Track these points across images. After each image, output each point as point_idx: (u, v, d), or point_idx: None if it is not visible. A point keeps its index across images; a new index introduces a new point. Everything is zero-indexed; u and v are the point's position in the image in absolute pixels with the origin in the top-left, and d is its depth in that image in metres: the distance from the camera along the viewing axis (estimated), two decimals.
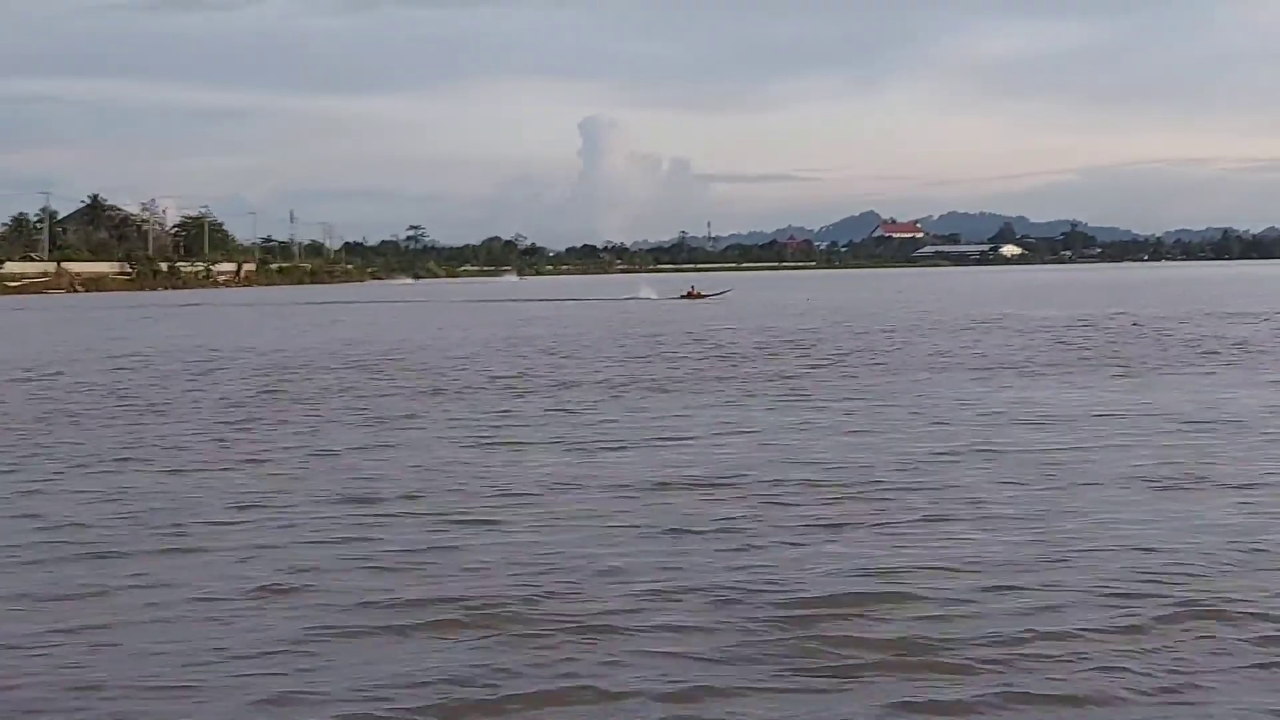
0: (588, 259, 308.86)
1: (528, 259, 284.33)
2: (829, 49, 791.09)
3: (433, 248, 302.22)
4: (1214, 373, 30.25)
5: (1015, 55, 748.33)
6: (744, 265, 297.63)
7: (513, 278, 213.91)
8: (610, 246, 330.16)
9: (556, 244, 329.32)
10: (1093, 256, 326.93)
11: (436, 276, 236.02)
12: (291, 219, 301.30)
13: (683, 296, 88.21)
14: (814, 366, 33.95)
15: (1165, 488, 15.54)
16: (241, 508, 15.09)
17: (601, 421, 22.80)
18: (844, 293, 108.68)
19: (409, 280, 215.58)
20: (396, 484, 16.50)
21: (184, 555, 12.81)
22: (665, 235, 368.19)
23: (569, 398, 26.84)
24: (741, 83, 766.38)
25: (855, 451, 18.76)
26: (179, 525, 14.13)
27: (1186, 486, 15.58)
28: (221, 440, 21.18)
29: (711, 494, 15.56)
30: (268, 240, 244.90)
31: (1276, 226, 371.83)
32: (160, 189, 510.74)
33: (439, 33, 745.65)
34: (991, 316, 59.36)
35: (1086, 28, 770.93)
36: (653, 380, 30.46)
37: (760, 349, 40.60)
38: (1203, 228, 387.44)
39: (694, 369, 33.54)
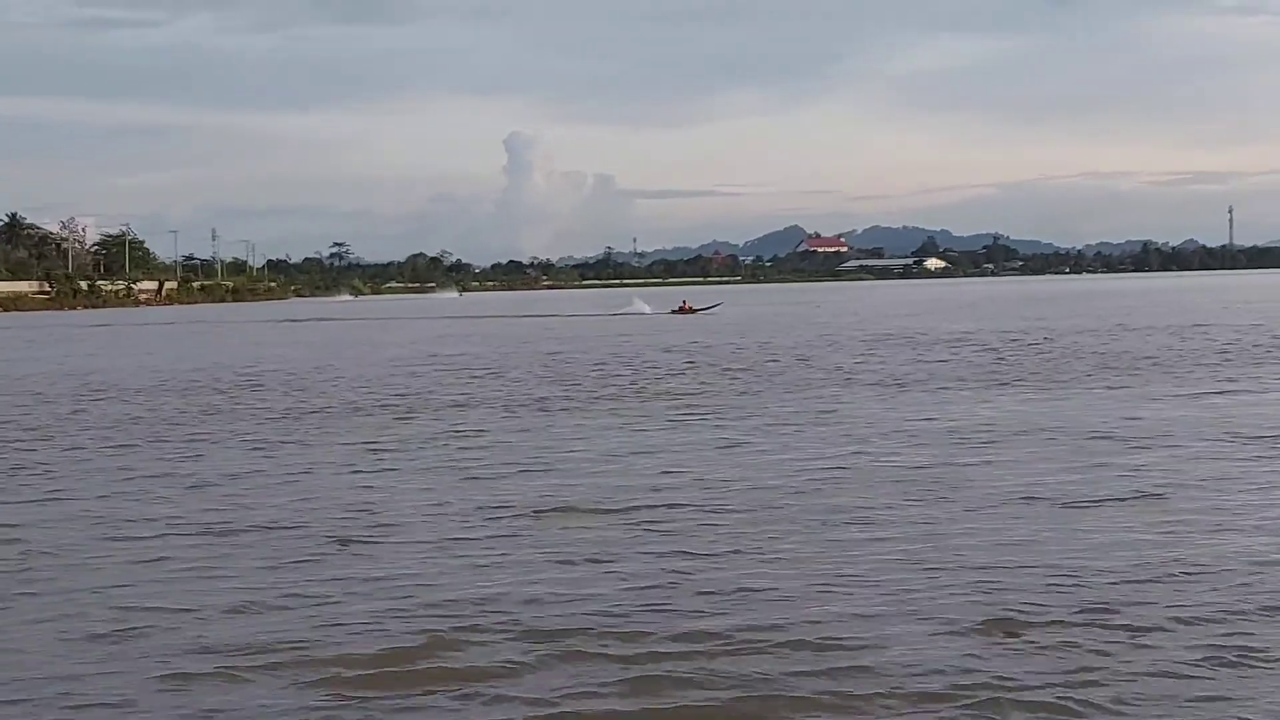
0: (513, 275, 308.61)
1: (453, 275, 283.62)
2: (753, 65, 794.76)
3: (357, 265, 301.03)
4: (1120, 387, 30.23)
5: (937, 70, 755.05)
6: (669, 280, 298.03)
7: (453, 294, 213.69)
8: (536, 262, 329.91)
9: (482, 260, 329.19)
10: (1014, 269, 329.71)
11: (362, 294, 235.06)
12: (214, 237, 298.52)
13: (674, 311, 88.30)
14: (709, 381, 33.71)
15: (1036, 500, 15.37)
16: (104, 539, 14.57)
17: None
18: (765, 307, 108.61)
19: (348, 297, 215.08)
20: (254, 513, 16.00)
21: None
22: (591, 251, 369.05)
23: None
24: (666, 99, 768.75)
25: (740, 470, 18.43)
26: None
27: (1056, 501, 15.41)
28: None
29: (589, 520, 15.19)
30: (190, 258, 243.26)
31: (1195, 239, 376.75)
32: (80, 207, 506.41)
33: (362, 50, 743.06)
34: (908, 331, 59.40)
35: (1007, 42, 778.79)
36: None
37: (688, 365, 40.31)
38: (1123, 241, 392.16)
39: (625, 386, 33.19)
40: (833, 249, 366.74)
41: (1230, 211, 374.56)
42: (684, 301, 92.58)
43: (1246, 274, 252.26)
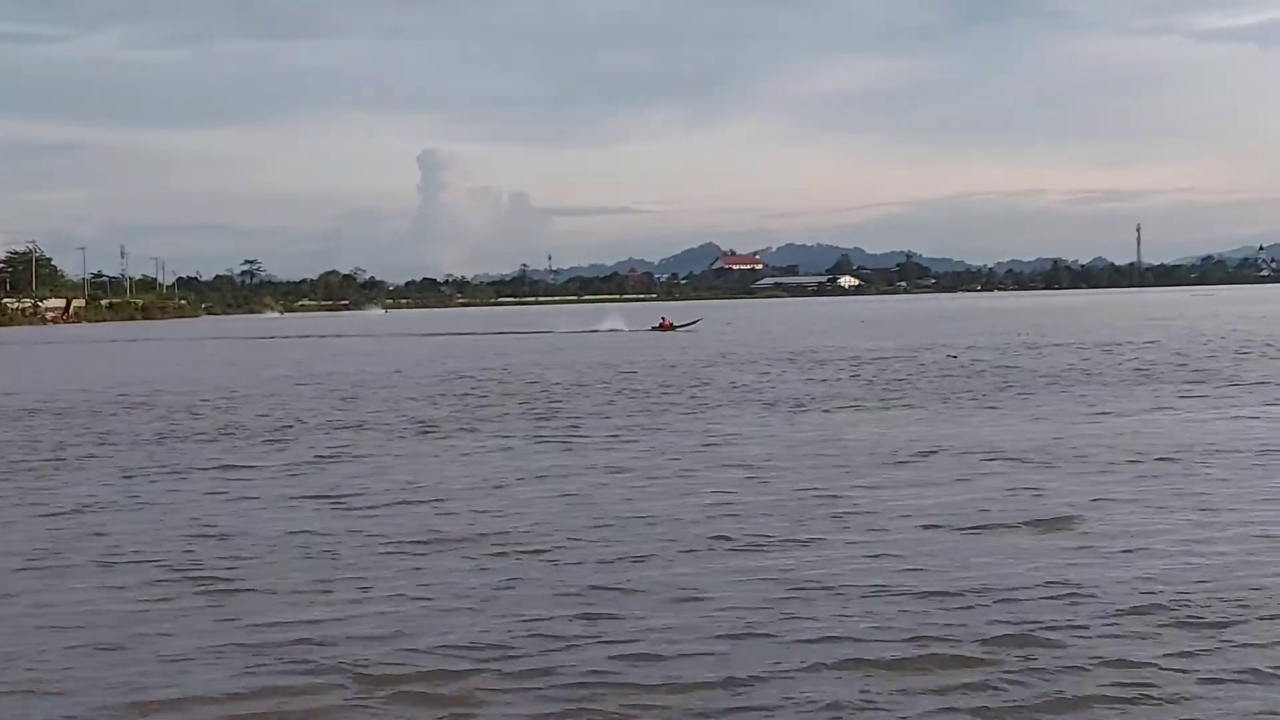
0: (427, 292, 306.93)
1: (366, 293, 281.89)
2: (669, 83, 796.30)
3: (269, 282, 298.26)
4: (1004, 408, 30.14)
5: (852, 90, 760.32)
6: (584, 298, 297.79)
7: (378, 311, 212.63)
8: (450, 280, 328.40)
9: (396, 278, 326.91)
10: (927, 287, 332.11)
11: (276, 311, 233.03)
12: (122, 254, 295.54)
13: (654, 328, 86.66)
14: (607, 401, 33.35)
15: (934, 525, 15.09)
16: None
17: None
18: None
19: (275, 314, 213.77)
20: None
21: None
22: (506, 268, 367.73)
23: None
24: (582, 116, 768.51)
25: (626, 496, 18.05)
26: None
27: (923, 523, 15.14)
28: None
29: (457, 549, 14.74)
30: (98, 276, 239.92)
31: (1104, 257, 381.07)
32: None
33: (275, 65, 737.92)
34: (814, 348, 59.32)
35: (921, 62, 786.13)
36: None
37: (580, 385, 39.90)
38: (1033, 258, 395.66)
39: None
40: (748, 266, 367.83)
41: (1138, 230, 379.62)
42: (664, 318, 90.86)
43: (1153, 291, 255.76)
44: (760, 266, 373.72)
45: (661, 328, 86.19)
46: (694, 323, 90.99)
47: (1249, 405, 28.99)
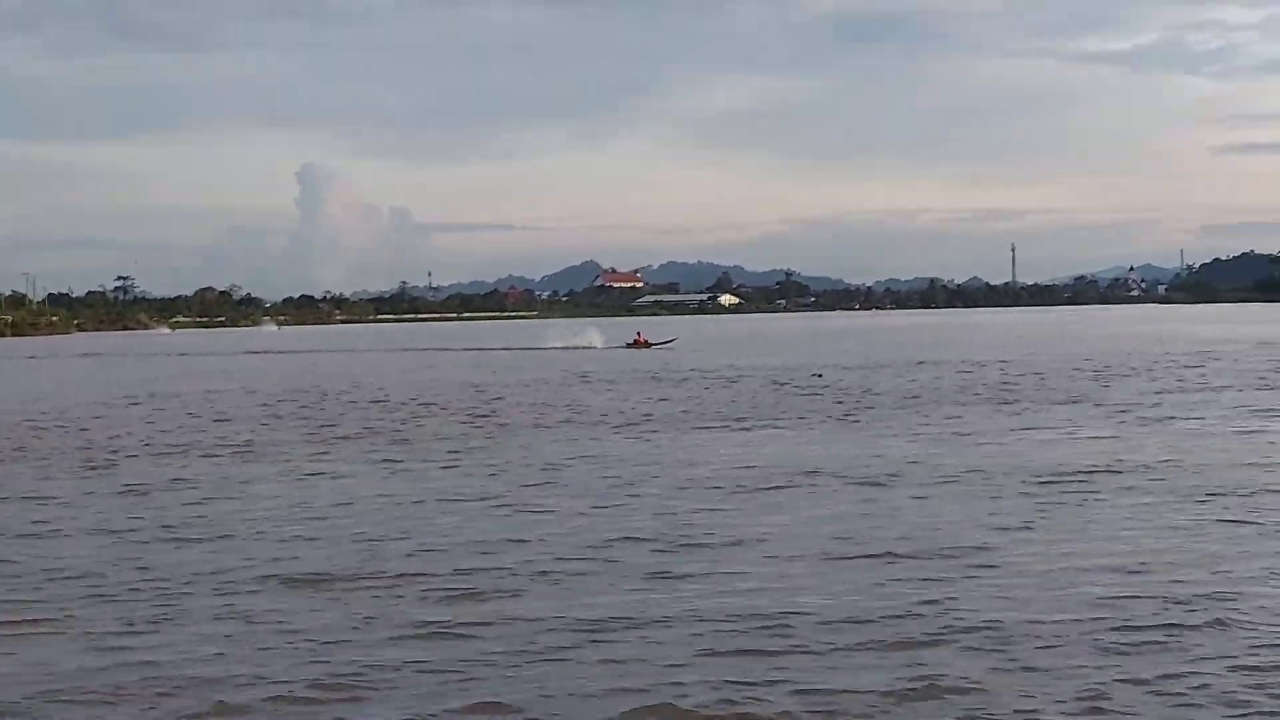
0: (305, 309, 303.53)
1: (244, 309, 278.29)
2: (552, 102, 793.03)
3: (144, 298, 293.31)
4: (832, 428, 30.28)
5: (733, 109, 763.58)
6: (465, 315, 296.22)
7: (272, 328, 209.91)
8: (329, 296, 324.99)
9: (274, 294, 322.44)
10: (807, 305, 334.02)
11: (149, 328, 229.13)
12: None
13: (629, 345, 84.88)
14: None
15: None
16: None
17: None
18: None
19: (166, 330, 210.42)
20: None
21: None
22: (386, 285, 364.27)
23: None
24: (466, 133, 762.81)
25: (470, 524, 17.83)
26: None
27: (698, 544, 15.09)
28: None
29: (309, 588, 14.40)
30: None
31: (980, 276, 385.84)
32: None
33: (154, 79, 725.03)
34: (682, 369, 59.35)
35: (802, 83, 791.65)
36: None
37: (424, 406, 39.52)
38: (911, 277, 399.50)
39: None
40: (628, 284, 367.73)
41: (1013, 250, 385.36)
42: (639, 334, 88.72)
43: (1027, 311, 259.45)
44: (641, 284, 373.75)
45: (636, 344, 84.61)
46: (670, 341, 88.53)
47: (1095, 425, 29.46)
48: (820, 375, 50.20)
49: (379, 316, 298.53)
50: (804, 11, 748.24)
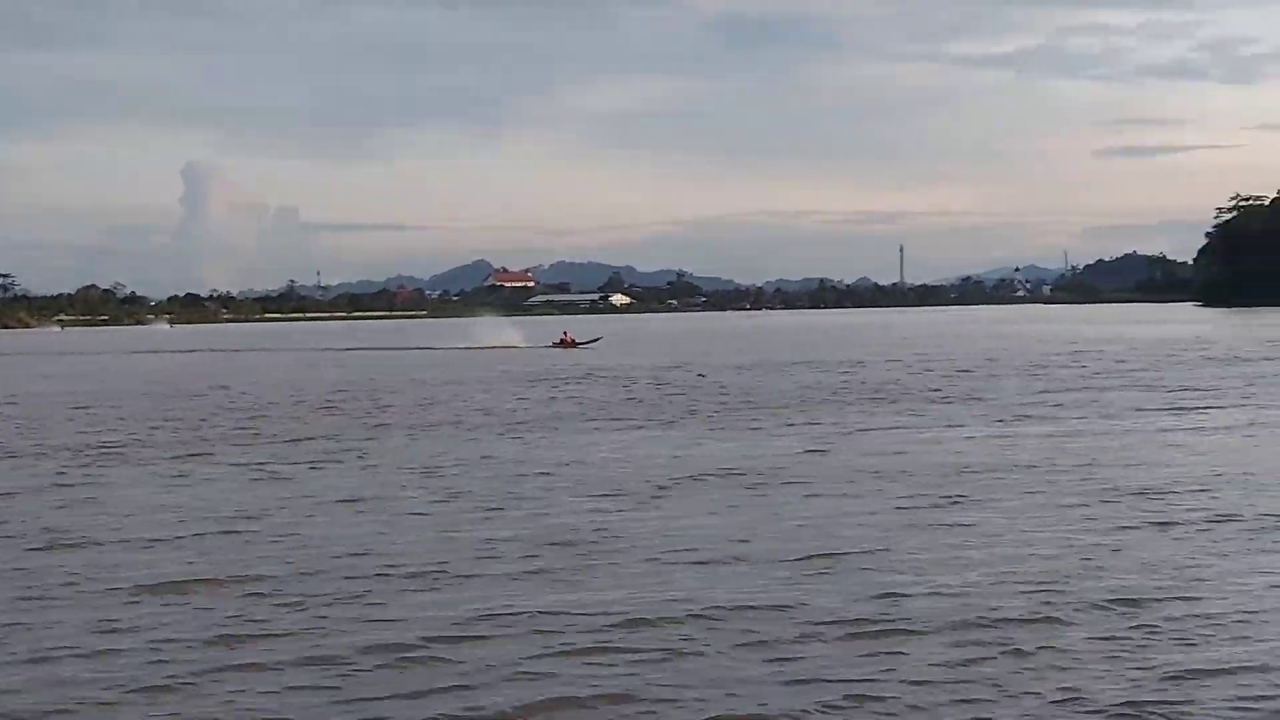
0: (192, 308, 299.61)
1: (127, 308, 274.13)
2: (447, 100, 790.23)
3: (24, 296, 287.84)
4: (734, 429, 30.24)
5: (624, 110, 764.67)
6: (354, 314, 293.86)
7: (164, 326, 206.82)
8: (216, 295, 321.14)
9: (159, 293, 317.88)
10: (697, 306, 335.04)
11: (29, 326, 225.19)
12: None
13: (555, 345, 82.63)
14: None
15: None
16: None
17: None
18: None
19: (55, 329, 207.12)
20: None
21: None
22: (273, 284, 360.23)
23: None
24: (356, 132, 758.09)
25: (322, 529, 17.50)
26: None
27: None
28: None
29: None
30: None
31: (869, 277, 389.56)
32: None
33: (37, 78, 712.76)
34: (571, 367, 59.12)
35: (693, 85, 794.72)
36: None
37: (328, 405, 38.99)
38: (800, 278, 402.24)
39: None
40: (520, 284, 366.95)
41: (901, 251, 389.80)
42: (565, 333, 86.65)
43: (915, 311, 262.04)
44: (532, 284, 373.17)
45: (562, 344, 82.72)
46: (595, 340, 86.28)
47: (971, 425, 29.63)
48: (704, 375, 50.14)
49: (266, 315, 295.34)
50: (693, 14, 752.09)
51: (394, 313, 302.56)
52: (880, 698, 10.15)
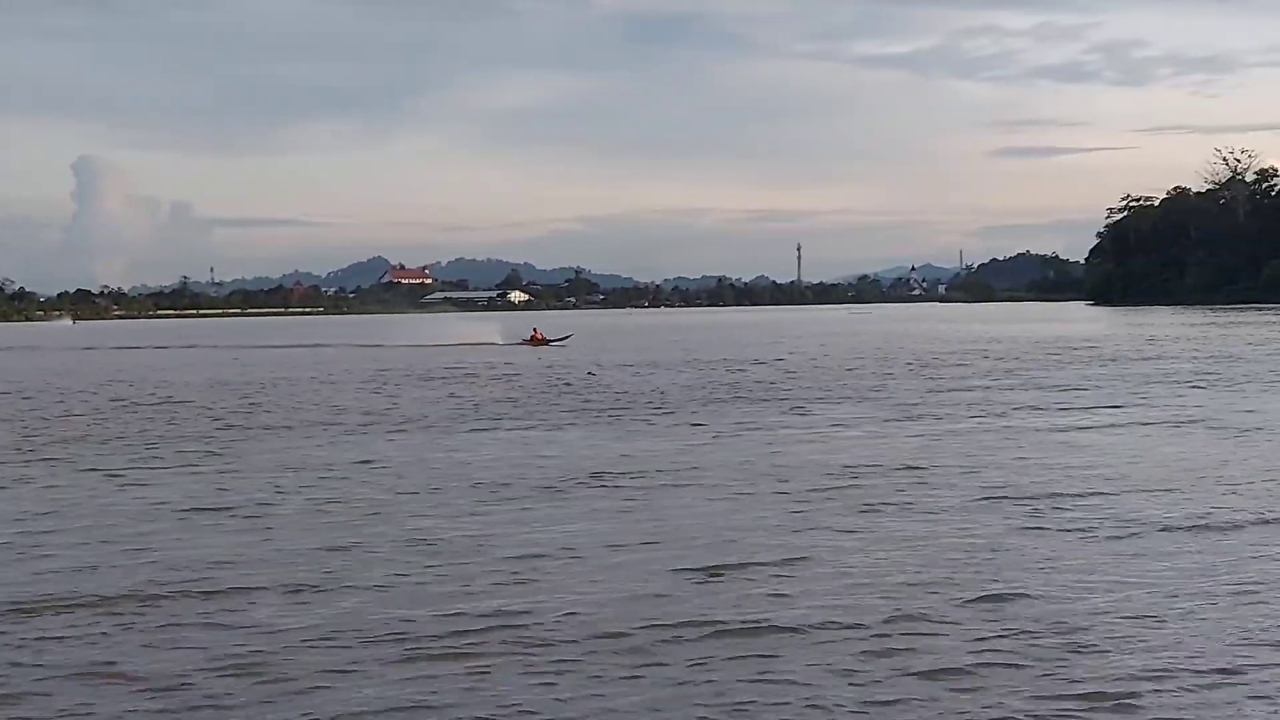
0: (83, 303, 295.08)
1: (16, 304, 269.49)
2: (344, 95, 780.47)
3: None
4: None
5: (524, 105, 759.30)
6: (249, 310, 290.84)
7: (66, 323, 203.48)
8: (107, 291, 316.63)
9: (47, 289, 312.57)
10: (596, 303, 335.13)
11: None
12: None
13: (524, 342, 79.85)
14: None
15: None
16: None
17: None
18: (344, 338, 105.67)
19: None
20: None
21: None
22: (166, 279, 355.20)
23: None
24: (251, 126, 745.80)
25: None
26: None
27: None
28: None
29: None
30: None
31: (766, 275, 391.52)
32: None
33: None
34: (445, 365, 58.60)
35: (593, 81, 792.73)
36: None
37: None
38: (699, 276, 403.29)
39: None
40: (417, 280, 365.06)
41: (799, 249, 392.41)
42: (535, 330, 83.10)
43: (812, 309, 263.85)
44: (430, 281, 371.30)
45: (533, 341, 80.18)
46: (566, 337, 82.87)
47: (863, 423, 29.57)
48: (594, 374, 49.84)
49: (159, 312, 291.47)
50: (594, 10, 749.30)
51: (289, 310, 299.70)
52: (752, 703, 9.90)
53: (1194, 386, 39.42)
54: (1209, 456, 23.36)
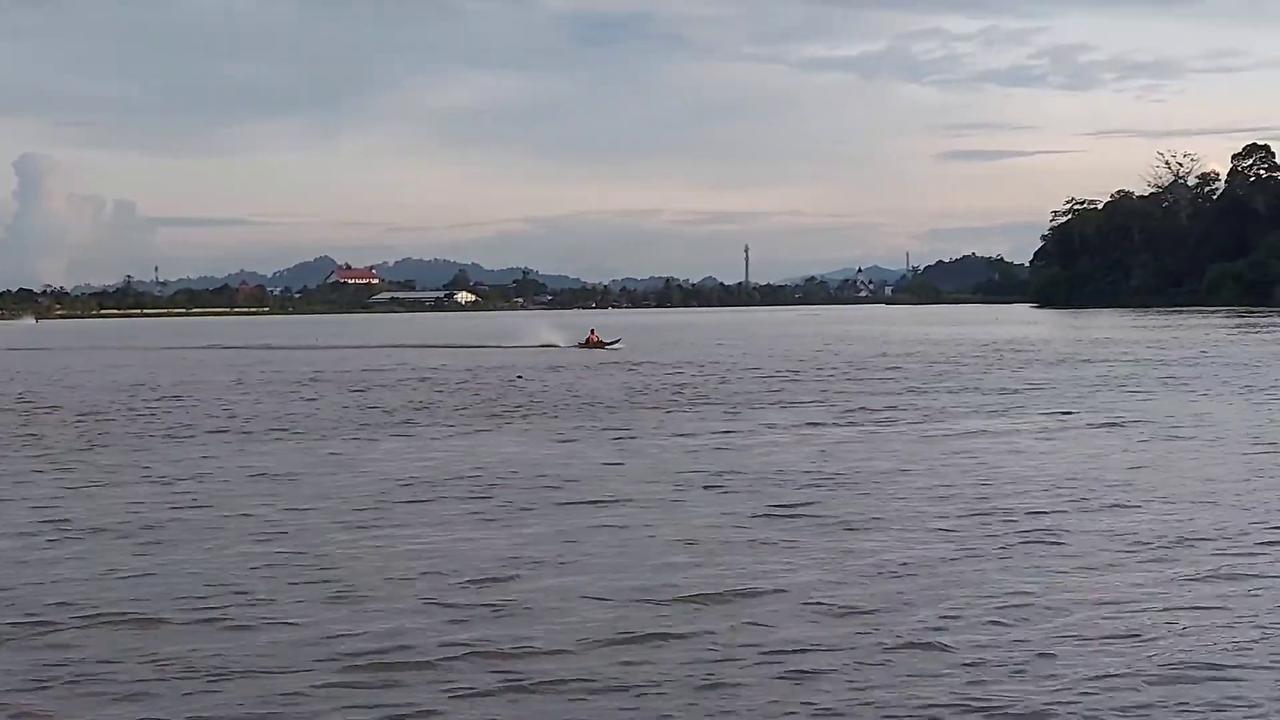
0: (25, 303, 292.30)
1: None
2: (286, 95, 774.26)
3: None
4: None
5: (472, 106, 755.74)
6: (193, 310, 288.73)
7: (30, 321, 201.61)
8: (50, 290, 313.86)
9: None
10: (544, 303, 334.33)
11: None
12: None
13: (581, 345, 75.52)
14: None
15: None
16: None
17: None
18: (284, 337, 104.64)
19: None
20: None
21: None
22: (110, 279, 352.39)
23: None
24: (197, 125, 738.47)
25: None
26: None
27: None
28: None
29: None
30: None
31: (714, 277, 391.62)
32: None
33: None
34: (389, 367, 58.03)
35: (541, 81, 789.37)
36: None
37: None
38: (647, 277, 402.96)
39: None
40: (364, 281, 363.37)
41: (746, 251, 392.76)
42: (592, 332, 78.19)
43: (760, 311, 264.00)
44: (377, 281, 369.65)
45: (588, 344, 75.60)
46: (616, 341, 76.75)
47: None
48: (520, 378, 49.30)
49: (102, 311, 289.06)
50: (543, 11, 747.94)
51: (235, 310, 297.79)
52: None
53: (1125, 390, 39.37)
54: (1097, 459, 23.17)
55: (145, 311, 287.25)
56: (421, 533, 16.88)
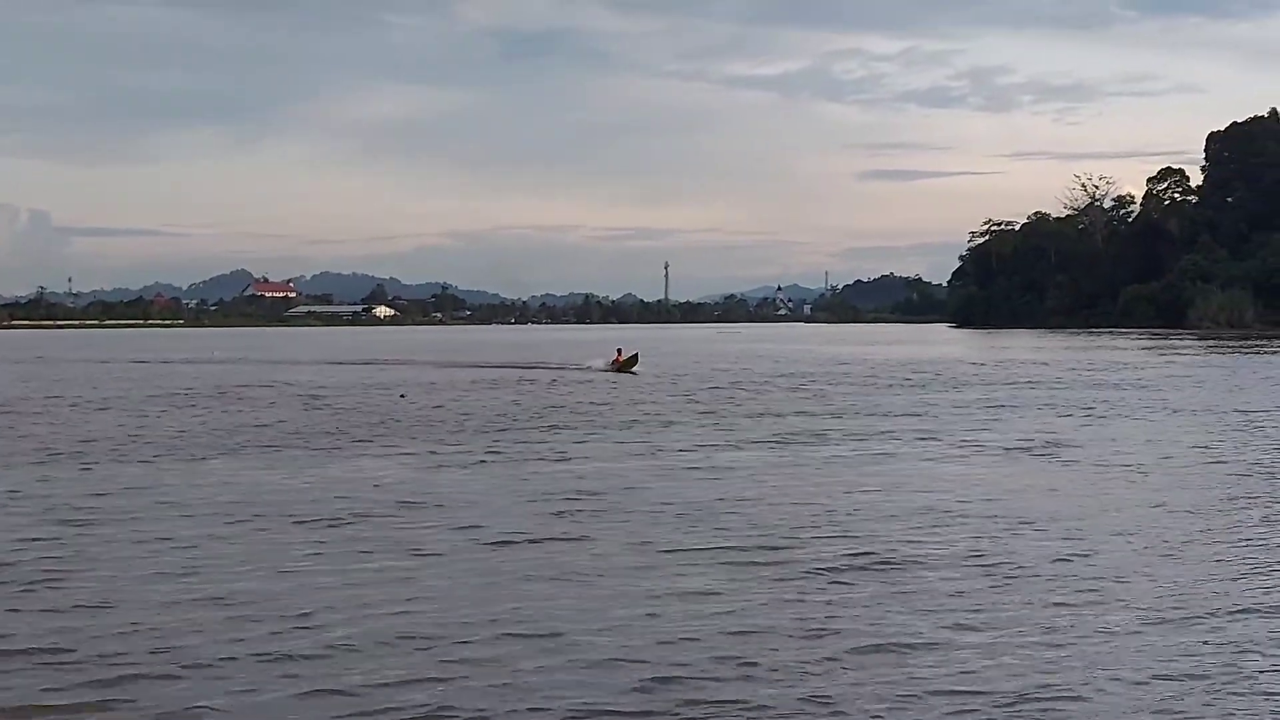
0: None
1: None
2: (202, 105, 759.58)
3: None
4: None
5: (391, 118, 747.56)
6: (107, 322, 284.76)
7: None
8: None
9: None
10: (463, 318, 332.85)
11: None
12: None
13: (609, 366, 68.91)
14: None
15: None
16: None
17: None
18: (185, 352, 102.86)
19: None
20: None
21: None
22: (21, 290, 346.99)
23: None
24: (112, 134, 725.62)
25: None
26: None
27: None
28: None
29: None
30: None
31: (634, 293, 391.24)
32: None
33: None
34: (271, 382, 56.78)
35: (460, 95, 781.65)
36: None
37: None
38: (566, 293, 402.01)
39: None
40: (281, 294, 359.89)
41: (666, 268, 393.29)
42: (619, 351, 71.09)
43: (678, 328, 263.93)
44: (294, 294, 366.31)
45: (616, 363, 68.98)
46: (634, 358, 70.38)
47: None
48: (404, 396, 48.19)
49: (13, 323, 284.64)
50: (465, 24, 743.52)
51: (149, 321, 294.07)
52: None
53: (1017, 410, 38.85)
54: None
55: (58, 323, 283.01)
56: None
